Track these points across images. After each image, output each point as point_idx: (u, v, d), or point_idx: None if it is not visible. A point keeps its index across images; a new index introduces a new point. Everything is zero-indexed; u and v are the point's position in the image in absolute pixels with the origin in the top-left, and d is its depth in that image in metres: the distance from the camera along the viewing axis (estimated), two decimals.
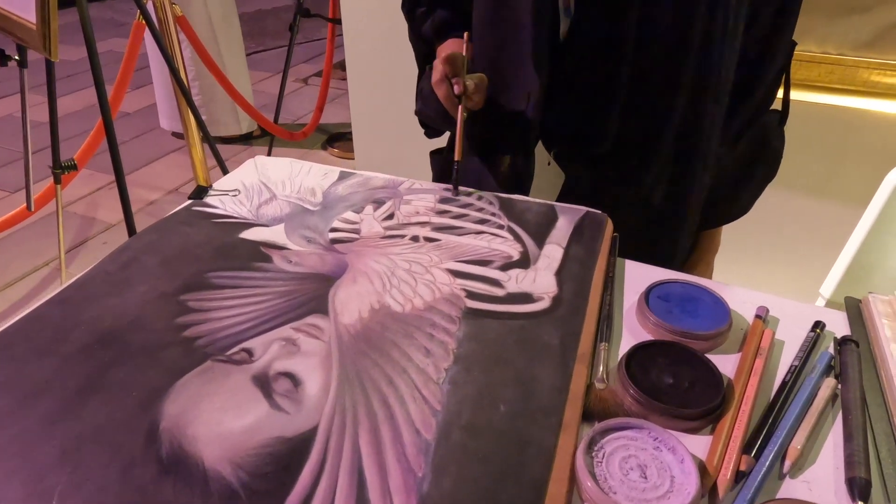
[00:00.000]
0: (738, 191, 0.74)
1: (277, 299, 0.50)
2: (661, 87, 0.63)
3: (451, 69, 0.63)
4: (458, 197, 0.65)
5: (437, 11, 0.75)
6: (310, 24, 2.69)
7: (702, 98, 0.63)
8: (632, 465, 0.37)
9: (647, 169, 0.66)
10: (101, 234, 2.16)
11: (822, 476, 0.38)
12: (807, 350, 0.46)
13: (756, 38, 0.65)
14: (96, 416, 0.39)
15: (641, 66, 0.61)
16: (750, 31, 0.64)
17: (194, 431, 0.38)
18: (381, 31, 1.52)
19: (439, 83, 0.64)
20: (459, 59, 0.64)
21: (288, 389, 0.42)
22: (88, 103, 3.13)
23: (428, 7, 0.76)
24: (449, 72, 0.63)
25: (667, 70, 0.62)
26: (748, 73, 0.66)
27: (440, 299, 0.50)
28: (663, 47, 0.61)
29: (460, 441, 0.38)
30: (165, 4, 1.64)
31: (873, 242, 0.86)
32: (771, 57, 0.66)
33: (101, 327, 0.46)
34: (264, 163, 0.71)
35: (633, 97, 0.63)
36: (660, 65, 0.62)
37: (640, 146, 0.66)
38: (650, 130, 0.65)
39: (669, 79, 0.62)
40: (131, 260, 0.54)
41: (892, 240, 0.86)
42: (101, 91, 1.33)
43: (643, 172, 0.67)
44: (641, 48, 0.60)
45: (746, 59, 0.65)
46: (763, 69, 0.67)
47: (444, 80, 0.64)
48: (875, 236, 0.86)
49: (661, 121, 0.64)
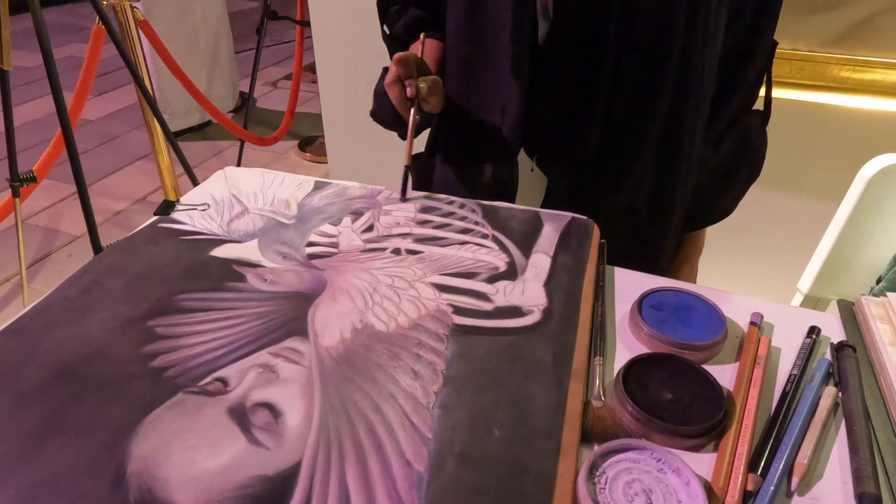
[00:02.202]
0: (723, 193, 0.73)
1: (253, 322, 0.47)
2: (644, 89, 0.61)
3: (404, 71, 0.61)
4: (439, 205, 0.62)
5: (410, 10, 0.73)
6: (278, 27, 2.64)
7: (684, 100, 0.62)
8: (636, 490, 0.35)
9: (631, 173, 0.65)
10: (66, 246, 2.08)
11: (831, 491, 0.37)
12: (804, 357, 0.45)
13: (736, 38, 0.64)
14: (56, 461, 0.36)
15: (623, 69, 0.60)
16: (730, 32, 0.63)
17: (165, 474, 0.35)
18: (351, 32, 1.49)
19: (392, 85, 0.62)
20: (412, 60, 0.62)
21: (267, 422, 0.39)
22: (48, 111, 3.01)
23: (401, 6, 0.74)
24: (402, 73, 0.61)
25: (649, 72, 0.60)
26: (729, 74, 0.65)
27: (426, 316, 0.48)
28: (645, 49, 0.59)
29: (454, 472, 0.36)
30: (126, 8, 1.58)
31: (849, 237, 0.87)
32: (752, 58, 0.65)
33: (60, 360, 0.43)
34: (234, 174, 0.68)
35: (615, 101, 0.61)
36: (642, 67, 0.60)
37: (624, 151, 0.64)
38: (633, 134, 0.63)
39: (651, 81, 0.61)
40: (93, 284, 0.50)
41: (867, 233, 0.87)
42: (59, 99, 1.27)
43: (627, 177, 0.65)
44: (623, 50, 0.59)
45: (727, 60, 0.64)
46: (744, 70, 0.66)
47: (396, 82, 0.62)
48: (850, 230, 0.86)
49: (644, 124, 0.63)
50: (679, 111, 0.63)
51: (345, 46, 1.52)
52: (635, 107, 0.62)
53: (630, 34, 0.59)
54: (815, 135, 1.26)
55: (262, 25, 2.25)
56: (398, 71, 0.61)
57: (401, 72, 0.61)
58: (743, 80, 0.67)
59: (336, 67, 1.57)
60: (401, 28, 0.74)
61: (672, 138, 0.64)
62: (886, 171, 0.81)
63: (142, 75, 1.58)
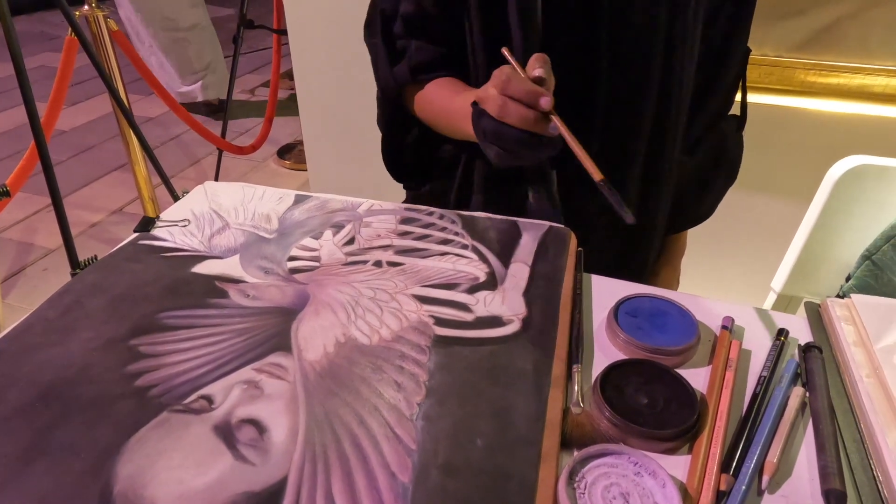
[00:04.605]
0: (701, 197, 0.75)
1: (236, 338, 0.47)
2: (632, 97, 0.62)
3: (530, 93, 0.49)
4: (420, 216, 0.63)
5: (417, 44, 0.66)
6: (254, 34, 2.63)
7: (667, 107, 0.64)
8: (614, 493, 0.36)
9: (623, 180, 0.66)
10: (41, 260, 2.04)
11: (799, 488, 0.38)
12: (773, 360, 0.47)
13: (711, 45, 0.66)
14: (40, 485, 0.36)
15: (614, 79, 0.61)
16: (705, 39, 0.65)
17: (153, 493, 0.36)
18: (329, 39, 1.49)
19: (508, 107, 0.50)
20: (511, 70, 0.51)
21: (253, 438, 0.39)
22: (20, 122, 2.96)
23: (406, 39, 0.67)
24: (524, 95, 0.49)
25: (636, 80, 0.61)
26: (705, 81, 0.67)
27: (408, 328, 0.49)
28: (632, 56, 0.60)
29: (439, 482, 0.37)
30: (99, 19, 1.57)
31: (819, 236, 0.90)
32: (726, 64, 0.67)
33: (42, 382, 0.43)
34: (214, 189, 0.68)
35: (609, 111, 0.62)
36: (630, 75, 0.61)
37: (617, 158, 0.65)
38: (625, 141, 0.64)
39: (639, 89, 0.62)
40: (73, 304, 0.50)
41: (836, 233, 0.89)
42: (32, 109, 1.25)
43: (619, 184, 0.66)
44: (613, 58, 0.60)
45: (703, 66, 0.66)
46: (719, 76, 0.68)
47: (512, 104, 0.50)
48: (820, 230, 0.89)
49: (634, 131, 0.64)
50: (663, 117, 0.64)
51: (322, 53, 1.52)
52: (626, 115, 0.63)
53: (619, 42, 0.59)
54: (784, 137, 1.30)
55: (238, 34, 2.24)
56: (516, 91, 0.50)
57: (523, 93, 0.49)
58: (718, 87, 0.69)
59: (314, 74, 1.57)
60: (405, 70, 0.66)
61: (657, 143, 0.66)
62: (853, 172, 0.83)
63: (116, 86, 1.57)
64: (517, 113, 0.49)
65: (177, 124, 2.90)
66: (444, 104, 0.65)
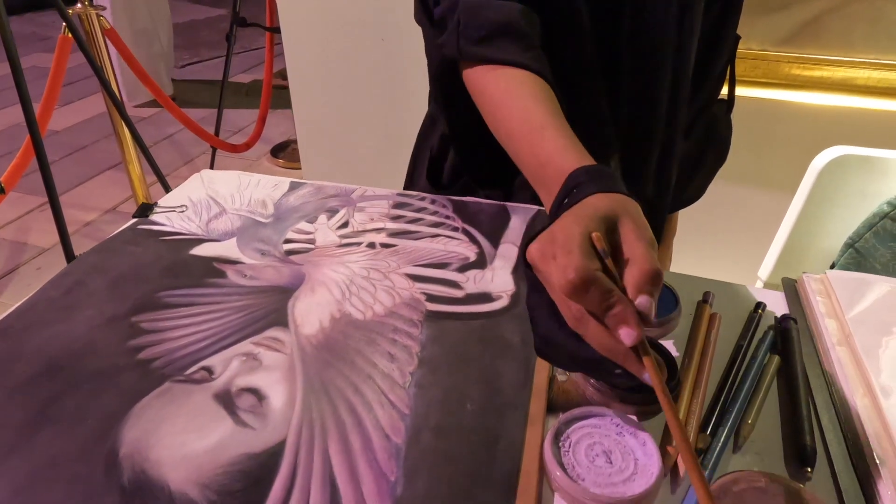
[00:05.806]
0: (693, 176, 0.77)
1: (235, 314, 0.49)
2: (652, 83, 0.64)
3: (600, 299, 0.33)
4: (412, 201, 0.65)
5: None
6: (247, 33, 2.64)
7: (678, 93, 0.65)
8: (597, 451, 0.38)
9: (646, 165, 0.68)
10: (34, 259, 2.05)
11: (773, 447, 0.40)
12: (751, 330, 0.49)
13: (705, 32, 0.68)
14: (49, 449, 0.38)
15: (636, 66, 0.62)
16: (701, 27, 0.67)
17: (157, 455, 0.37)
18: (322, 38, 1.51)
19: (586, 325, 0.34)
20: (599, 275, 0.33)
21: (252, 405, 0.41)
22: (11, 122, 2.96)
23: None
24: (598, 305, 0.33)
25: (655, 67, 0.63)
26: (699, 66, 0.69)
27: (401, 304, 0.51)
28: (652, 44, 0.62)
29: (430, 443, 0.39)
30: (92, 17, 1.58)
31: (803, 225, 0.92)
32: (719, 49, 0.69)
33: (48, 355, 0.44)
34: (211, 177, 0.70)
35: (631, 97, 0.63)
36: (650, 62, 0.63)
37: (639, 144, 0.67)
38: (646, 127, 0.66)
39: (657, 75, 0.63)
40: (76, 283, 0.52)
41: (820, 222, 0.92)
42: (29, 108, 1.26)
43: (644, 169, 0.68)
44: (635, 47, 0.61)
45: (698, 52, 0.68)
46: (712, 61, 0.70)
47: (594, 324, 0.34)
48: (804, 219, 0.92)
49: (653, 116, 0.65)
50: (674, 101, 0.66)
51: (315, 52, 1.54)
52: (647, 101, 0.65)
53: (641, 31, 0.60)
54: (770, 129, 1.33)
55: (231, 32, 2.25)
56: (586, 302, 0.34)
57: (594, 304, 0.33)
58: (711, 71, 0.71)
59: (307, 73, 1.58)
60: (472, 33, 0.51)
61: (670, 127, 0.68)
62: (836, 163, 0.86)
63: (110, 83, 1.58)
64: (598, 335, 0.34)
65: (170, 124, 2.90)
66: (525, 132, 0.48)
